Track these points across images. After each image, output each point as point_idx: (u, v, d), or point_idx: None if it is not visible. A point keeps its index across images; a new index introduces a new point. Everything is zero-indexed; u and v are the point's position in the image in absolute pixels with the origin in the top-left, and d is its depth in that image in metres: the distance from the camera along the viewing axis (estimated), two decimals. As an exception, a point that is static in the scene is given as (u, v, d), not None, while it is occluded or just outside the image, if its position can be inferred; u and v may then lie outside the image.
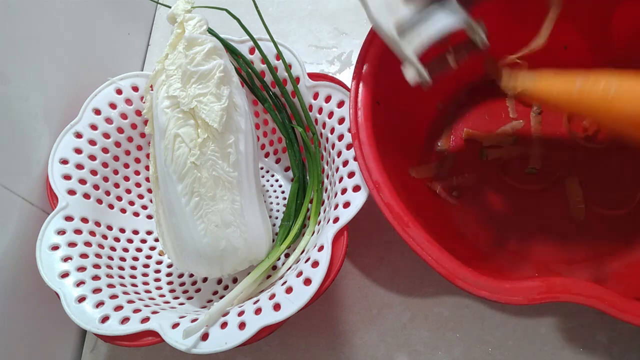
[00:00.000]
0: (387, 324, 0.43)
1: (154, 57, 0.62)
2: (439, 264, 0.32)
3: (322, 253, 0.35)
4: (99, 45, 0.53)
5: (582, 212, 0.42)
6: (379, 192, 0.35)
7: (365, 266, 0.45)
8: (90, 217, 0.42)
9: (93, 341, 0.46)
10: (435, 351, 0.41)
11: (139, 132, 0.47)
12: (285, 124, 0.46)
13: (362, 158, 0.36)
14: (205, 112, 0.36)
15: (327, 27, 0.60)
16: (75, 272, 0.37)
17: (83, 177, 0.43)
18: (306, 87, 0.43)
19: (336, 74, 0.57)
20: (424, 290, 0.43)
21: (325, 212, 0.40)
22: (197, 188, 0.36)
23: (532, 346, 0.40)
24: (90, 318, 0.35)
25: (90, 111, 0.45)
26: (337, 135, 0.40)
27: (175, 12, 0.41)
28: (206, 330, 0.34)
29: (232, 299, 0.36)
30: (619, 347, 0.39)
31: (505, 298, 0.30)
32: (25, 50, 0.41)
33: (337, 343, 0.43)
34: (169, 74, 0.38)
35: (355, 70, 0.39)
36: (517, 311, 0.41)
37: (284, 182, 0.50)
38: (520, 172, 0.45)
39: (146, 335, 0.35)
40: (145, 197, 0.48)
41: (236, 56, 0.45)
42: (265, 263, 0.39)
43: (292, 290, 0.34)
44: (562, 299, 0.30)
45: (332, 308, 0.44)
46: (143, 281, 0.42)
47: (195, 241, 0.37)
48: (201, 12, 0.42)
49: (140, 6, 0.64)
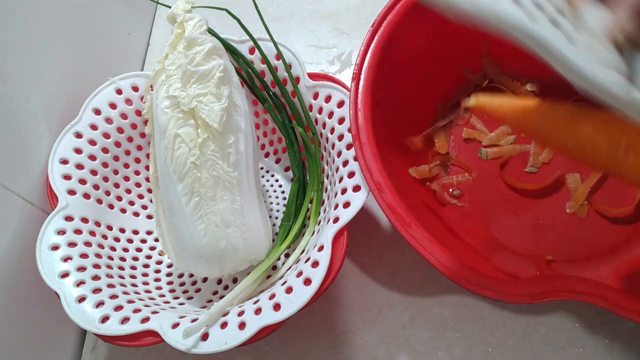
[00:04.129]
0: (387, 324, 0.43)
1: (154, 57, 0.62)
2: (442, 264, 0.32)
3: (322, 253, 0.35)
4: (99, 45, 0.53)
5: (585, 210, 0.42)
6: (380, 192, 0.35)
7: (365, 266, 0.45)
8: (90, 217, 0.42)
9: (93, 341, 0.46)
10: (435, 351, 0.41)
11: (139, 132, 0.47)
12: (285, 124, 0.46)
13: (363, 159, 0.36)
14: (205, 112, 0.36)
15: (327, 27, 0.60)
16: (75, 272, 0.37)
17: (83, 177, 0.43)
18: (306, 87, 0.43)
19: (336, 74, 0.57)
20: (424, 290, 0.43)
21: (325, 212, 0.40)
22: (197, 188, 0.36)
23: (532, 346, 0.40)
24: (90, 318, 0.35)
25: (90, 111, 0.45)
26: (337, 135, 0.40)
27: (175, 12, 0.41)
28: (206, 330, 0.34)
29: (232, 299, 0.36)
30: (619, 347, 0.39)
31: (508, 297, 0.30)
32: (25, 50, 0.41)
33: (337, 343, 0.43)
34: (169, 74, 0.38)
35: (355, 70, 0.39)
36: (517, 311, 0.41)
37: (284, 182, 0.50)
38: (521, 171, 0.45)
39: (146, 335, 0.35)
40: (145, 197, 0.48)
41: (236, 56, 0.45)
42: (265, 263, 0.39)
43: (292, 290, 0.34)
44: (565, 297, 0.30)
45: (332, 308, 0.44)
46: (143, 281, 0.42)
47: (195, 241, 0.37)
48: (201, 12, 0.42)
49: (140, 6, 0.64)
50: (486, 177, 0.46)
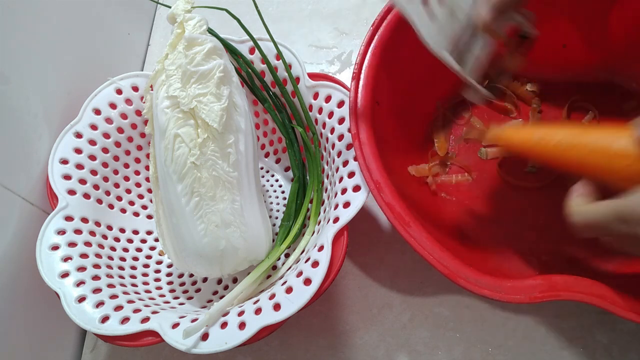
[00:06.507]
0: (387, 324, 0.43)
1: (154, 57, 0.62)
2: (441, 263, 0.32)
3: (322, 253, 0.35)
4: (99, 45, 0.53)
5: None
6: (379, 192, 0.35)
7: (365, 266, 0.45)
8: (90, 217, 0.42)
9: (93, 341, 0.46)
10: (435, 351, 0.41)
11: (139, 132, 0.47)
12: (285, 124, 0.46)
13: (363, 158, 0.36)
14: (205, 112, 0.36)
15: (327, 27, 0.60)
16: (75, 272, 0.37)
17: (83, 177, 0.43)
18: (306, 87, 0.43)
19: (336, 74, 0.57)
20: (424, 290, 0.43)
21: (325, 212, 0.40)
22: (197, 188, 0.36)
23: (532, 346, 0.40)
24: (90, 318, 0.35)
25: (90, 111, 0.45)
26: (337, 135, 0.40)
27: (175, 12, 0.41)
28: (206, 330, 0.34)
29: (232, 299, 0.36)
30: (619, 347, 0.39)
31: (507, 297, 0.30)
32: (25, 50, 0.41)
33: (337, 343, 0.43)
34: (169, 74, 0.38)
35: (355, 70, 0.39)
36: (517, 311, 0.41)
37: (284, 182, 0.50)
38: (520, 170, 0.45)
39: (146, 335, 0.35)
40: (145, 197, 0.48)
41: (236, 56, 0.45)
42: (265, 263, 0.39)
43: (292, 290, 0.34)
44: (564, 297, 0.30)
45: (332, 308, 0.44)
46: (143, 281, 0.42)
47: (195, 241, 0.37)
48: (201, 12, 0.42)
49: (140, 6, 0.64)
50: (486, 177, 0.46)
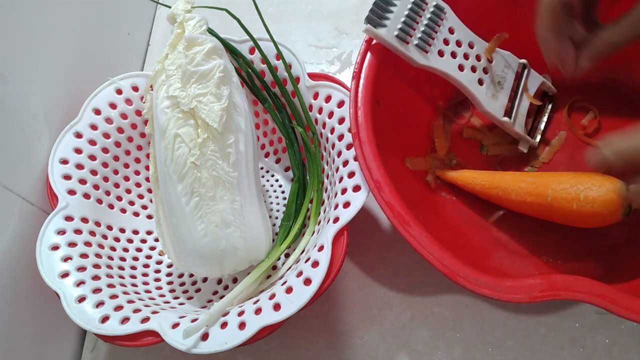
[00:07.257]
0: (387, 324, 0.43)
1: (154, 57, 0.62)
2: (441, 263, 0.32)
3: (322, 253, 0.35)
4: (99, 45, 0.53)
5: None
6: (379, 191, 0.35)
7: (365, 266, 0.45)
8: (90, 217, 0.42)
9: (93, 341, 0.46)
10: (435, 351, 0.41)
11: (139, 132, 0.47)
12: (285, 124, 0.46)
13: (363, 157, 0.36)
14: (205, 112, 0.36)
15: (327, 27, 0.60)
16: (75, 272, 0.37)
17: (83, 177, 0.43)
18: (306, 87, 0.43)
19: (336, 74, 0.57)
20: (424, 290, 0.43)
21: (325, 212, 0.40)
22: (197, 188, 0.36)
23: (532, 346, 0.40)
24: (90, 318, 0.35)
25: (90, 111, 0.45)
26: (337, 135, 0.40)
27: (175, 12, 0.41)
28: (206, 330, 0.34)
29: (232, 299, 0.36)
30: (619, 347, 0.39)
31: (507, 296, 0.30)
32: (25, 50, 0.41)
33: (337, 343, 0.43)
34: (169, 74, 0.38)
35: (355, 70, 0.39)
36: (517, 311, 0.41)
37: (284, 182, 0.50)
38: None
39: (146, 335, 0.35)
40: (145, 197, 0.48)
41: (236, 56, 0.45)
42: (265, 263, 0.39)
43: (292, 290, 0.34)
44: (564, 297, 0.30)
45: (332, 308, 0.44)
46: (143, 281, 0.42)
47: (195, 241, 0.37)
48: (201, 12, 0.42)
49: (140, 6, 0.64)
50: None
